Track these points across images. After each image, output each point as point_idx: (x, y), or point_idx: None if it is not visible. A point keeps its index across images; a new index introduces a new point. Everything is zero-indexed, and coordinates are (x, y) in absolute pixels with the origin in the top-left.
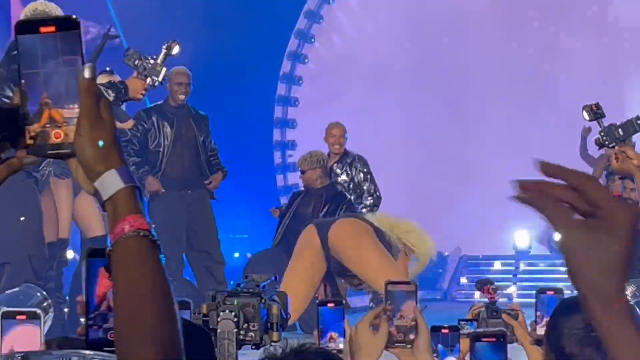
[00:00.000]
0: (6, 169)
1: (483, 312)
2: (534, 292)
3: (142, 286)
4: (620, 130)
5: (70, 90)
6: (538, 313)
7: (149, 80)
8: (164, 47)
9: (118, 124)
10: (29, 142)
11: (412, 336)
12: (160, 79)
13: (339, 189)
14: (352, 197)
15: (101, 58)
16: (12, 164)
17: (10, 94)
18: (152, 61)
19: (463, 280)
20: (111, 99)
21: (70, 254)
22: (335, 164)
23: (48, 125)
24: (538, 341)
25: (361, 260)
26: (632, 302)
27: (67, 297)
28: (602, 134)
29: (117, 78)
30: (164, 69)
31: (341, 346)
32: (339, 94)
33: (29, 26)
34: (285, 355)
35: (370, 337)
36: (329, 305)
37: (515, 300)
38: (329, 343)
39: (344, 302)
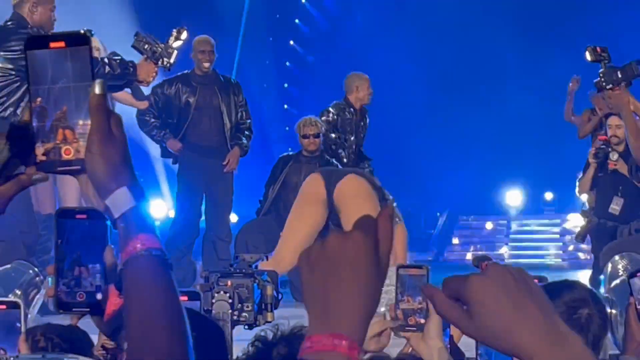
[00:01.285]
0: (16, 185)
1: None
2: (526, 252)
3: (153, 305)
4: (619, 72)
5: (80, 106)
6: None
7: (160, 62)
8: (174, 31)
9: (133, 102)
10: (41, 158)
11: (422, 320)
12: (172, 60)
13: (330, 159)
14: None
15: None
16: (22, 180)
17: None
18: (162, 44)
19: (455, 241)
20: (116, 73)
21: None
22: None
23: (58, 142)
24: None
25: None
26: (623, 277)
27: None
28: (601, 75)
29: (97, 41)
30: (175, 52)
31: None
32: (333, 53)
33: (39, 41)
34: (276, 340)
35: (371, 344)
36: None
37: (507, 261)
38: None
39: None
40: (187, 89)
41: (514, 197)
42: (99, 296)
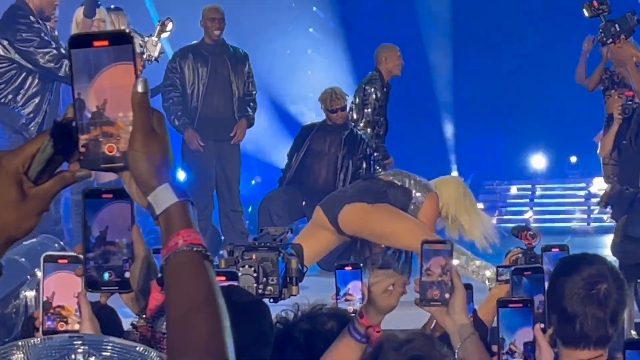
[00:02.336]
0: (59, 183)
1: (521, 259)
2: (550, 217)
3: (195, 301)
4: (617, 25)
5: (122, 104)
6: (545, 269)
7: (145, 55)
8: (159, 23)
9: None
10: (82, 150)
11: (447, 295)
12: (156, 54)
13: (357, 131)
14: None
15: None
16: (65, 177)
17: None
18: (146, 38)
19: (480, 206)
20: None
21: None
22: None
23: (101, 139)
24: None
25: (384, 236)
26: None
27: None
28: (600, 30)
29: (102, 12)
30: (160, 44)
31: (357, 306)
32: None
33: (82, 40)
34: (298, 320)
35: (383, 298)
36: (347, 268)
37: (532, 225)
38: (344, 302)
39: (361, 266)
40: (199, 59)
41: (538, 161)
42: (127, 274)
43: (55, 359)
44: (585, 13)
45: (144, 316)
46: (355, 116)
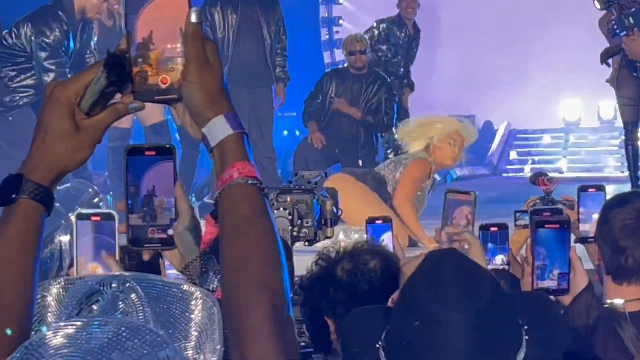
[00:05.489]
0: (113, 114)
1: (539, 204)
2: (583, 165)
3: (250, 234)
4: (630, 18)
5: (175, 35)
6: (582, 210)
7: None
8: None
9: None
10: (136, 81)
11: (466, 246)
12: None
13: (379, 72)
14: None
15: None
16: (118, 109)
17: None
18: None
19: (513, 154)
20: None
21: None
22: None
23: (155, 70)
24: (582, 239)
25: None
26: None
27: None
28: (613, 22)
29: None
30: None
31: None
32: None
33: None
34: (340, 257)
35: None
36: (377, 222)
37: (565, 174)
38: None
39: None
40: (229, 6)
41: (571, 109)
42: (170, 231)
43: (95, 289)
44: (597, 5)
45: (187, 272)
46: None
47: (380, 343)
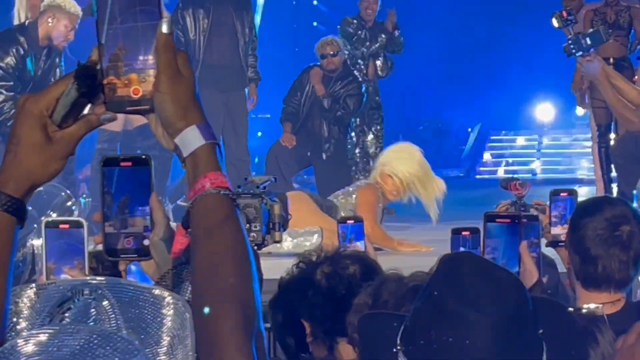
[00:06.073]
0: (85, 126)
1: (510, 209)
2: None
3: (221, 244)
4: (588, 39)
5: (147, 46)
6: (553, 214)
7: None
8: None
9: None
10: (107, 92)
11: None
12: None
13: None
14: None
15: None
16: (91, 120)
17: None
18: None
19: (487, 156)
20: None
21: None
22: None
23: (126, 81)
24: (553, 242)
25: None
26: None
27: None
28: (570, 42)
29: None
30: None
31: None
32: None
33: None
34: (320, 260)
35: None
36: (349, 222)
37: (539, 176)
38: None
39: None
40: (201, 10)
41: (545, 111)
42: (146, 242)
43: (67, 296)
44: (555, 24)
45: (163, 283)
46: None
47: (398, 347)
